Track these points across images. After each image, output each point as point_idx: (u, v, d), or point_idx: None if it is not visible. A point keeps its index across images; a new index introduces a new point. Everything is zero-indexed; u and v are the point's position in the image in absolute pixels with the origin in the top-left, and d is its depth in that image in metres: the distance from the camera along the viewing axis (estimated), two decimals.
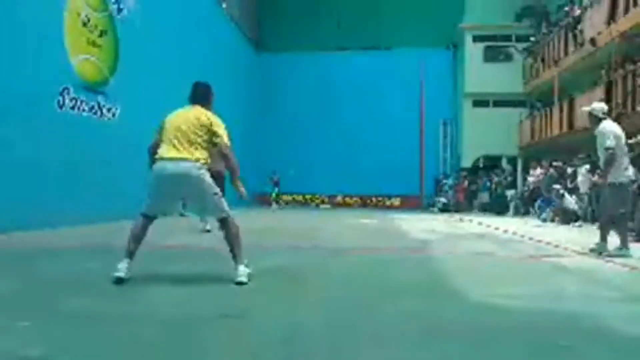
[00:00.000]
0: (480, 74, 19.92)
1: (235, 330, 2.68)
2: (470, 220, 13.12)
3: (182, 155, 3.89)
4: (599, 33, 12.90)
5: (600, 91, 12.65)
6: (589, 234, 9.21)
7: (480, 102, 20.48)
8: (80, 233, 7.33)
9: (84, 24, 9.44)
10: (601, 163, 5.88)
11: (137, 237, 3.93)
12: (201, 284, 3.89)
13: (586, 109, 6.26)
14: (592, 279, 4.49)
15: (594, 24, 13.30)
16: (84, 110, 9.31)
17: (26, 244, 6.03)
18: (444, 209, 19.67)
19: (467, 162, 20.40)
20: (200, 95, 4.39)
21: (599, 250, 5.87)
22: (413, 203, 21.23)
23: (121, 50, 10.59)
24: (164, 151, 3.94)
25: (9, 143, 7.20)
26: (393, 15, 21.72)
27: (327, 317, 2.98)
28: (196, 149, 3.95)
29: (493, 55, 20.38)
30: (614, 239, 5.98)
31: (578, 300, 3.58)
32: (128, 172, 10.11)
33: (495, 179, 18.02)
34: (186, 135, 3.97)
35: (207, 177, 3.95)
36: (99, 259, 5.43)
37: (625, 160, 5.78)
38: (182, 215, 10.93)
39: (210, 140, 4.05)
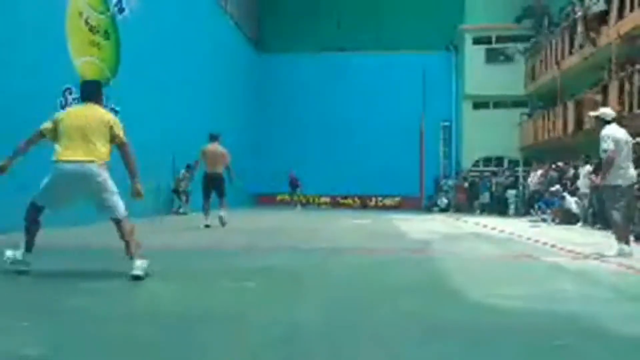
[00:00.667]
0: (481, 76, 19.91)
1: (235, 330, 2.69)
2: (470, 221, 13.13)
3: (85, 157, 3.98)
4: (600, 34, 12.91)
5: (600, 92, 12.66)
6: (588, 235, 9.24)
7: (480, 104, 20.48)
8: (80, 233, 7.34)
9: (86, 25, 9.47)
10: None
11: (31, 229, 4.10)
12: (197, 284, 3.90)
13: (594, 113, 6.37)
14: (590, 280, 4.50)
15: (595, 25, 13.30)
16: None
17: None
18: (444, 210, 19.69)
19: (467, 164, 20.40)
20: (94, 93, 4.45)
21: (620, 254, 5.70)
22: (413, 204, 21.23)
23: (123, 51, 10.61)
24: (65, 152, 4.00)
25: (10, 143, 7.20)
26: (393, 16, 21.72)
27: (327, 316, 2.99)
28: (98, 148, 4.05)
29: (493, 56, 20.37)
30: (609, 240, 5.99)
31: (575, 300, 3.59)
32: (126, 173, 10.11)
33: (495, 179, 18.02)
34: (87, 135, 4.04)
35: (108, 177, 4.07)
36: (97, 259, 5.45)
37: (626, 164, 5.82)
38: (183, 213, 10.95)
39: (111, 139, 4.17)
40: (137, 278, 3.82)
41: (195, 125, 14.54)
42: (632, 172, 5.94)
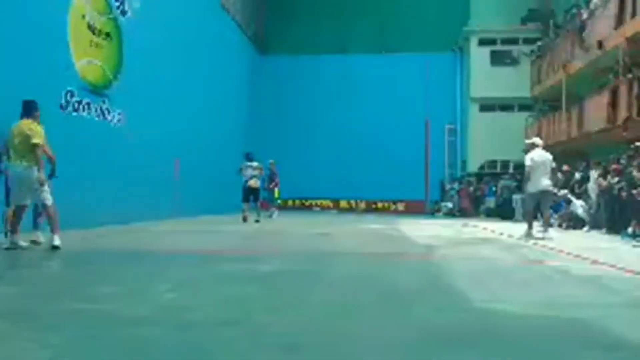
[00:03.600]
0: (486, 78, 19.82)
1: (237, 337, 2.62)
2: (476, 225, 13.03)
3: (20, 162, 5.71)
4: (606, 37, 12.81)
5: (607, 95, 12.55)
6: (595, 240, 9.12)
7: (486, 106, 20.36)
8: (82, 236, 7.31)
9: (88, 27, 9.46)
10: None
11: (14, 222, 5.81)
12: (199, 289, 3.84)
13: (528, 141, 9.63)
14: (596, 284, 4.42)
15: (601, 27, 13.21)
16: (87, 112, 9.32)
17: (29, 247, 6.00)
18: (449, 214, 19.59)
19: (473, 167, 20.28)
20: (26, 110, 5.96)
21: (525, 236, 8.69)
22: (418, 208, 21.16)
23: (125, 54, 10.61)
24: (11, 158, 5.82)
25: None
26: (398, 18, 21.69)
27: (330, 323, 2.93)
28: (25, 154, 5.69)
29: (499, 59, 20.28)
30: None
31: (582, 306, 3.52)
32: (132, 175, 10.12)
33: (501, 183, 17.89)
34: (18, 145, 5.71)
35: (34, 176, 5.69)
36: (97, 262, 5.40)
37: (538, 177, 8.59)
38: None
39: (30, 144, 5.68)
40: (56, 247, 5.65)
41: (198, 127, 14.55)
42: (544, 182, 8.61)
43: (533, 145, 8.95)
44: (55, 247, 5.65)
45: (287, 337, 2.61)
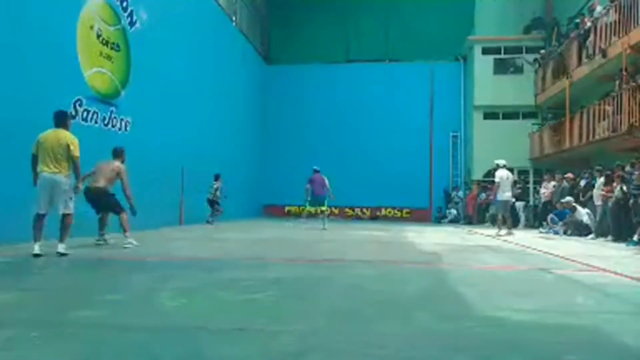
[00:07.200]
0: (490, 86, 19.84)
1: (245, 344, 2.66)
2: (481, 233, 13.02)
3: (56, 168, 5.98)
4: (610, 45, 12.85)
5: (611, 103, 12.57)
6: (600, 247, 9.12)
7: (490, 114, 20.38)
8: (85, 243, 7.37)
9: (97, 37, 9.59)
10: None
11: (38, 227, 6.00)
12: (207, 296, 3.89)
13: (498, 161, 12.52)
14: (603, 292, 4.43)
15: (604, 35, 13.25)
16: (95, 121, 9.42)
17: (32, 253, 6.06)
18: (454, 221, 19.56)
19: (477, 175, 20.26)
20: (61, 120, 6.22)
21: (495, 236, 11.50)
22: (423, 215, 21.13)
23: (133, 64, 10.72)
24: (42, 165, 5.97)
25: (21, 153, 7.27)
26: (402, 27, 21.77)
27: (336, 331, 2.96)
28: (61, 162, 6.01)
29: (503, 67, 20.31)
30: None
31: (587, 314, 3.53)
32: (139, 183, 10.17)
33: None
34: (55, 153, 5.97)
35: (69, 183, 6.06)
36: (99, 269, 5.45)
37: (504, 189, 11.99)
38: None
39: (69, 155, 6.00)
40: (62, 254, 5.92)
41: (204, 137, 14.64)
42: (508, 194, 12.08)
43: (498, 166, 12.28)
44: (62, 254, 5.92)
45: (294, 345, 2.65)
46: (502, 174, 12.00)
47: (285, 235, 10.97)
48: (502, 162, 12.30)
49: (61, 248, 5.97)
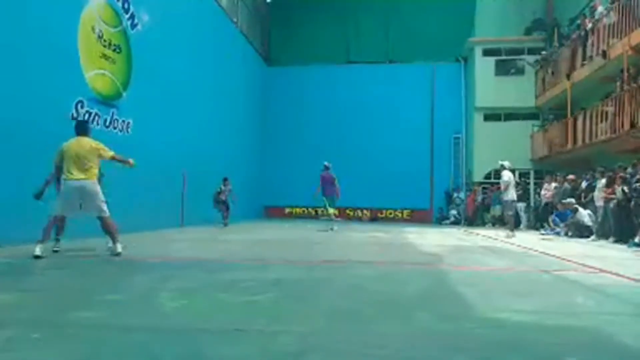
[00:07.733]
0: (491, 88, 19.84)
1: (244, 344, 2.67)
2: (482, 234, 13.01)
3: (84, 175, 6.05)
4: (611, 46, 12.84)
5: (612, 104, 12.57)
6: (601, 248, 9.11)
7: (491, 116, 20.38)
8: (88, 245, 7.37)
9: (98, 38, 9.61)
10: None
11: (48, 229, 6.01)
12: (207, 297, 3.89)
13: (501, 162, 12.50)
14: (603, 293, 4.42)
15: (605, 36, 13.25)
16: (97, 123, 9.44)
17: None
18: (455, 223, 19.56)
19: (478, 176, 20.26)
20: (83, 129, 6.40)
21: (507, 236, 11.51)
22: (423, 217, 21.13)
23: (134, 65, 10.74)
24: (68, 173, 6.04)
25: (23, 154, 7.30)
26: (402, 28, 21.79)
27: (336, 331, 2.96)
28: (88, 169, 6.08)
29: (504, 68, 20.30)
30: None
31: (588, 315, 3.53)
32: (139, 184, 10.20)
33: None
34: (81, 160, 6.05)
35: (98, 189, 6.17)
36: (100, 271, 5.46)
37: (511, 190, 12.17)
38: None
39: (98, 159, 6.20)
40: (118, 254, 6.15)
41: (205, 138, 14.66)
42: (513, 195, 12.28)
43: (503, 167, 12.34)
44: (117, 254, 6.18)
45: (294, 345, 2.65)
46: (510, 175, 12.25)
47: (286, 237, 10.98)
48: (507, 163, 12.44)
49: (119, 248, 6.22)
